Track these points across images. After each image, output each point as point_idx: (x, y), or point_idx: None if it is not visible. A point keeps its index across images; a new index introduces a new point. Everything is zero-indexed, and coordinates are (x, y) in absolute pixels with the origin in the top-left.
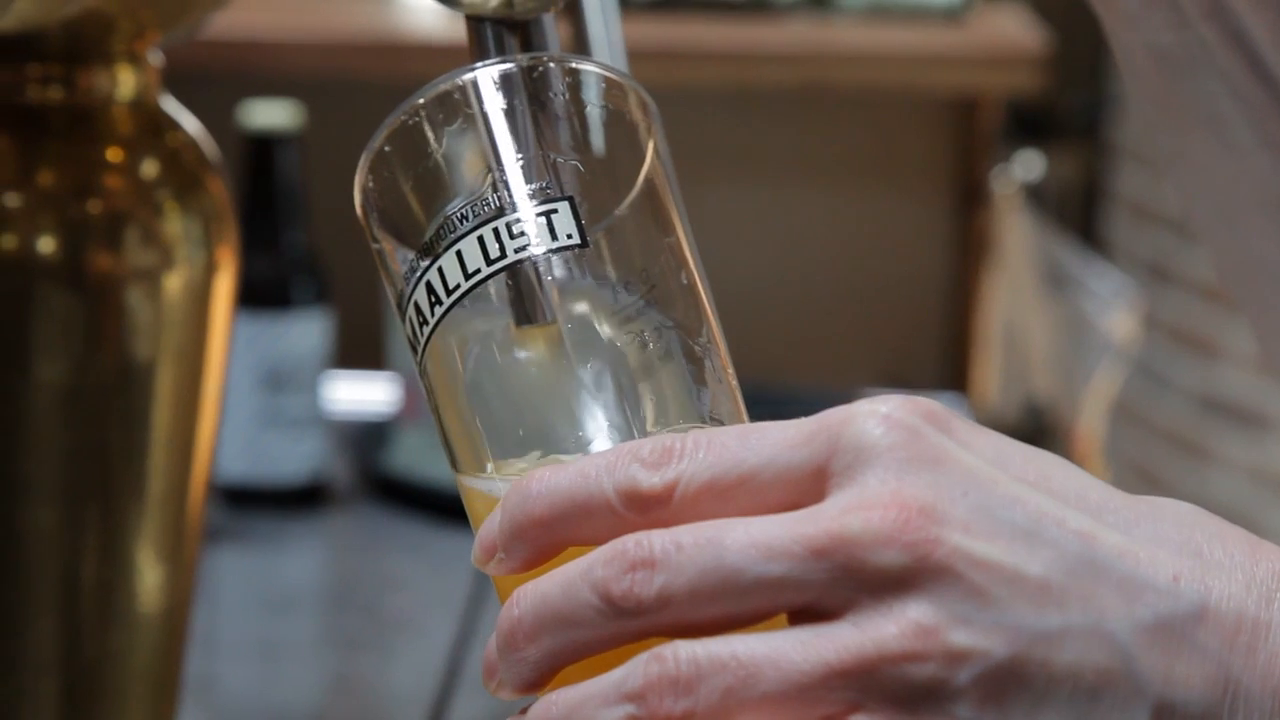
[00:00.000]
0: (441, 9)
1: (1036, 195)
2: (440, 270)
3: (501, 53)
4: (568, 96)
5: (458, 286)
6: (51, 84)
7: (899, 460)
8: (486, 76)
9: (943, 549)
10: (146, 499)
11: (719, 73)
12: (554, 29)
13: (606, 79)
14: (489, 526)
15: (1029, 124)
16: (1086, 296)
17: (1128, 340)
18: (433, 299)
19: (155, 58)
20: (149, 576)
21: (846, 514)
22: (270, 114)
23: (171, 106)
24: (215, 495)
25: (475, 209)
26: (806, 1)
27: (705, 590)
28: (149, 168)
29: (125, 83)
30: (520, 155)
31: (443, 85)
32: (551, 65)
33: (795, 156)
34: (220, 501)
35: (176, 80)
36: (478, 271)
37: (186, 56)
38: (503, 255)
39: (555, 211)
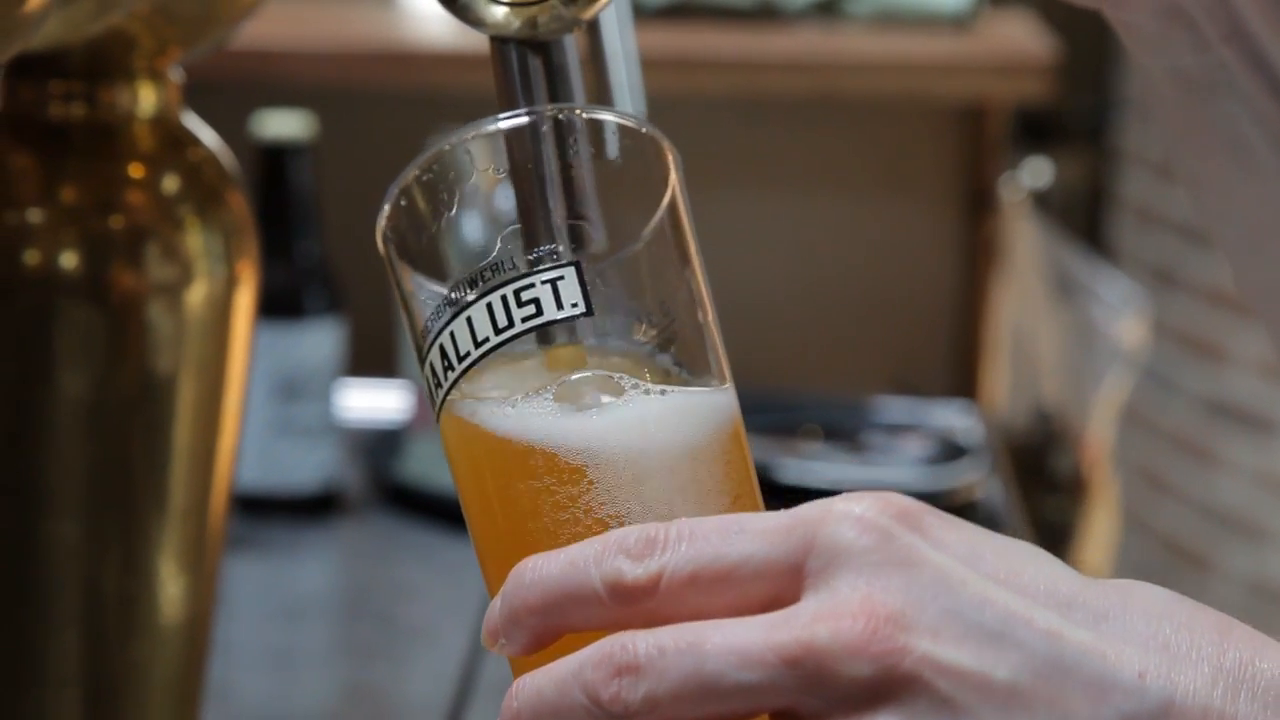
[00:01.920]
0: (453, 19)
1: (1043, 201)
2: (452, 335)
3: (525, 74)
4: (587, 149)
5: (467, 354)
6: (74, 101)
7: (871, 564)
8: (501, 132)
9: (910, 658)
10: (168, 511)
11: (728, 80)
12: (574, 49)
13: (624, 128)
14: (490, 612)
15: (1035, 130)
16: (1095, 303)
17: (1136, 346)
18: (445, 364)
19: (176, 74)
20: (171, 588)
21: (817, 622)
22: (283, 124)
23: (192, 122)
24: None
25: (485, 274)
26: (815, 9)
27: (687, 695)
28: (170, 183)
29: (146, 99)
30: (533, 214)
31: (448, 143)
32: (570, 117)
33: (804, 163)
34: (233, 510)
35: (189, 91)
36: (486, 340)
37: (199, 67)
38: (510, 325)
39: (562, 279)
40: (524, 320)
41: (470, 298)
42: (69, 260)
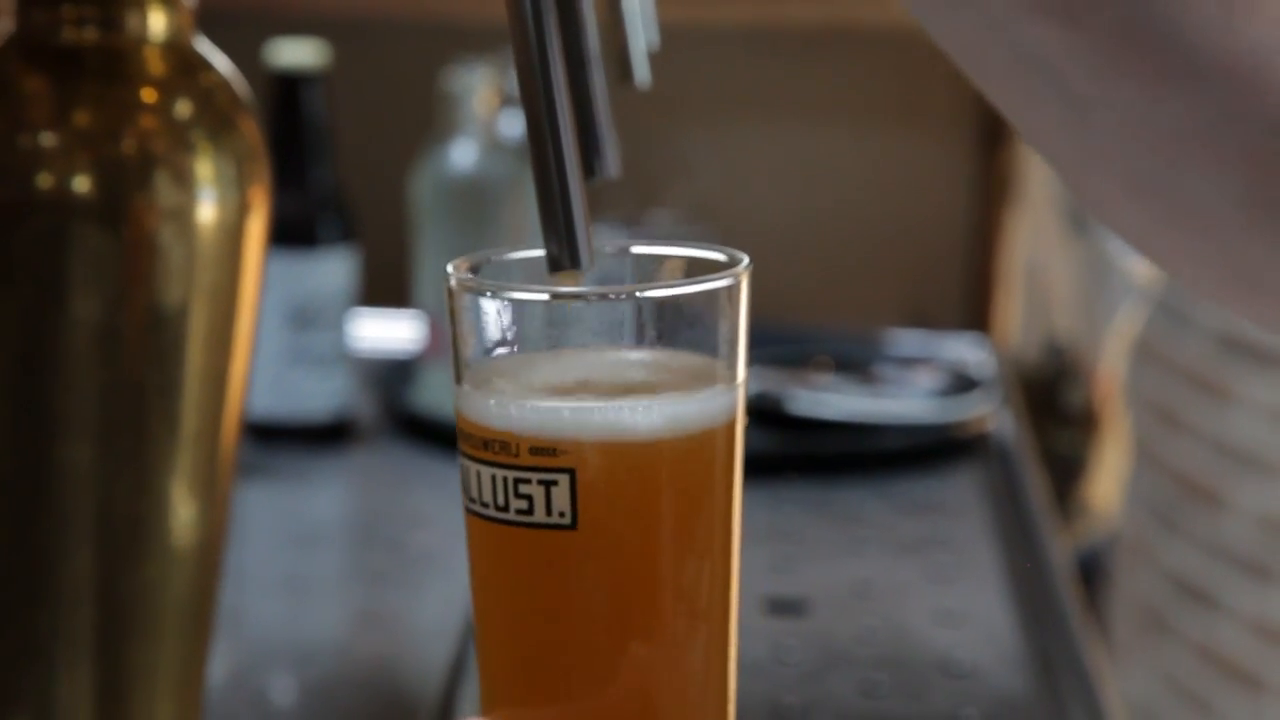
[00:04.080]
0: None
1: None
2: (465, 469)
3: (536, 3)
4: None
5: (476, 498)
6: (86, 25)
7: None
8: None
9: None
10: (180, 435)
11: (741, 10)
12: None
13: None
14: None
15: None
16: (1108, 236)
17: (1149, 279)
18: (465, 492)
19: None
20: (182, 511)
21: None
22: (297, 53)
23: (204, 47)
24: (243, 432)
25: (491, 445)
26: None
27: None
28: (182, 108)
29: (158, 23)
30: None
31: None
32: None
33: (817, 95)
34: (247, 438)
35: (203, 19)
36: (487, 503)
37: None
38: (505, 509)
39: (555, 484)
40: (517, 513)
41: (480, 458)
42: (82, 184)
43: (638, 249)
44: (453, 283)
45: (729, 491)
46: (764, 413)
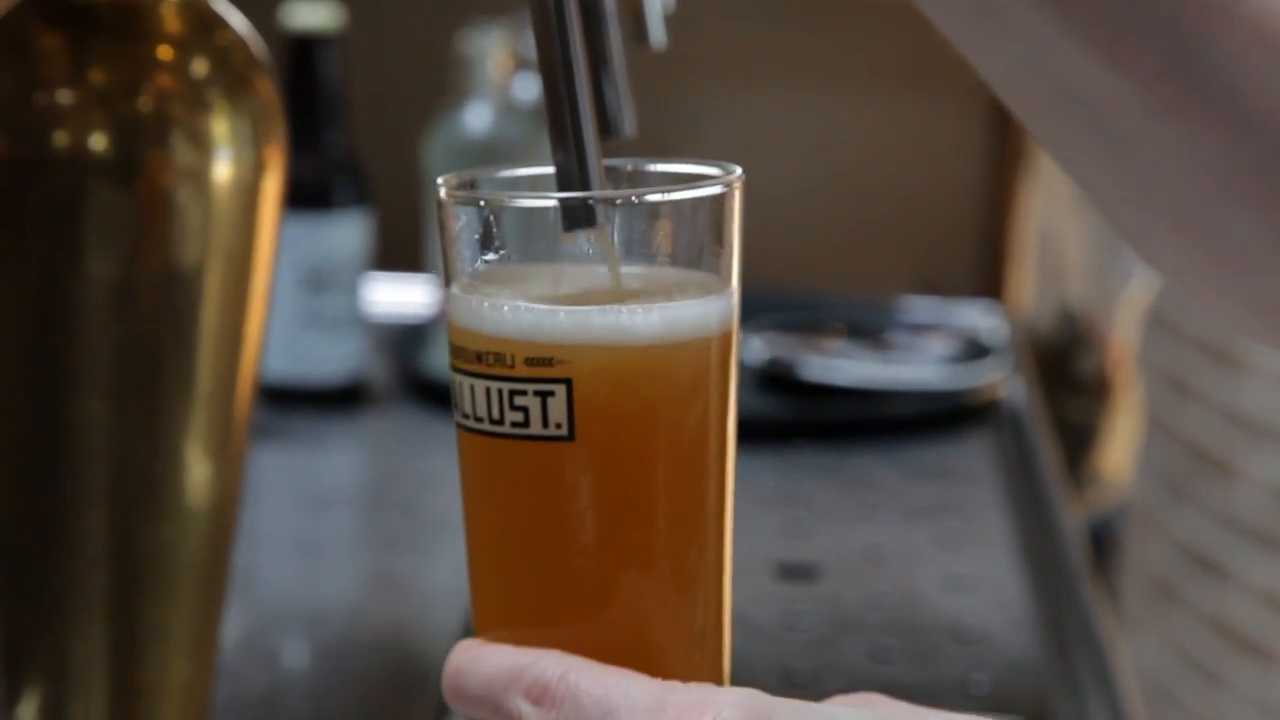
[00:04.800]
0: None
1: None
2: (458, 384)
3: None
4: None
5: (470, 413)
6: None
7: None
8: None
9: None
10: (195, 395)
11: None
12: None
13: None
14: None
15: None
16: None
17: None
18: (458, 409)
19: None
20: (197, 471)
21: None
22: (311, 15)
23: (221, 6)
24: (256, 394)
25: (485, 357)
26: None
27: None
28: (199, 66)
29: None
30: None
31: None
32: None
33: (831, 62)
34: (261, 400)
35: None
36: (481, 417)
37: None
38: (500, 420)
39: (552, 395)
40: (513, 425)
41: (476, 370)
42: (98, 142)
43: (630, 166)
44: (442, 194)
45: (725, 401)
46: (776, 378)
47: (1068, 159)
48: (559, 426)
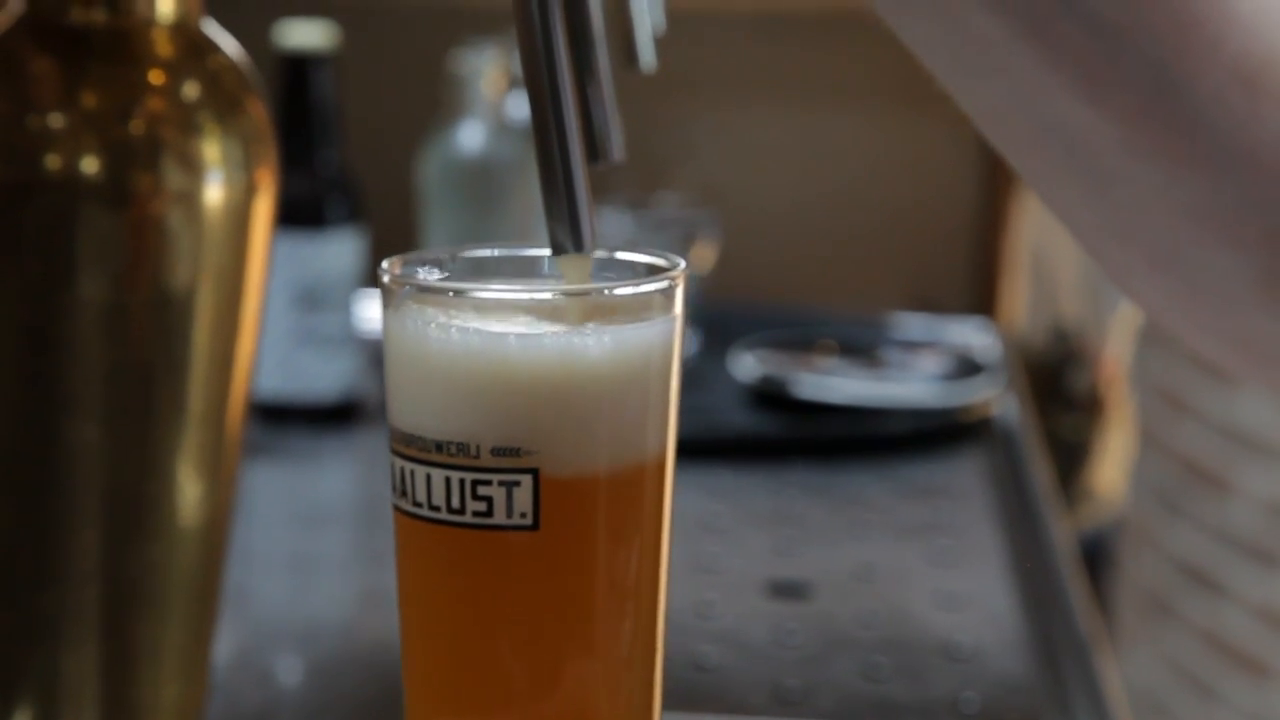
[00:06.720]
0: None
1: None
2: (404, 471)
3: (544, 2)
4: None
5: (424, 501)
6: (94, 6)
7: None
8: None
9: None
10: (187, 416)
11: None
12: None
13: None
14: None
15: None
16: None
17: None
18: (406, 495)
19: None
20: (189, 491)
21: None
22: (305, 34)
23: (212, 29)
24: (250, 412)
25: (446, 447)
26: None
27: None
28: (190, 90)
29: (166, 5)
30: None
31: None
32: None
33: (824, 79)
34: (254, 418)
35: (211, 1)
36: (437, 507)
37: None
38: (461, 510)
39: (518, 485)
40: (474, 515)
41: (437, 458)
42: (89, 165)
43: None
44: (386, 280)
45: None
46: (768, 396)
47: (1050, 194)
48: (524, 516)
